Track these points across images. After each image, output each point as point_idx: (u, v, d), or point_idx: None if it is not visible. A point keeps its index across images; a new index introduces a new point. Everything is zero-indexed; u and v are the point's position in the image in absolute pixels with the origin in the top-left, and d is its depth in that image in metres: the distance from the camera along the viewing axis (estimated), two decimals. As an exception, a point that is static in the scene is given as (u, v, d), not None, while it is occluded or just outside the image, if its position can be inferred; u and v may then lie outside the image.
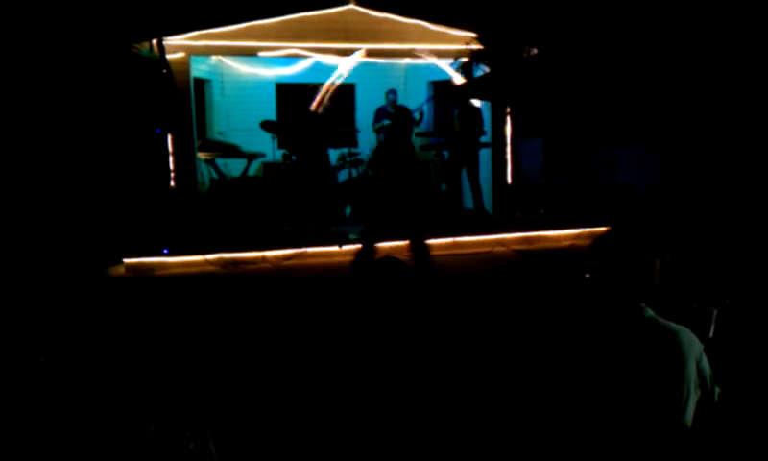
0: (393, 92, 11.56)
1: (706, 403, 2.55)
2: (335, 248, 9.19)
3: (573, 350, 2.70)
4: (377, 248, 7.23)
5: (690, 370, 2.48)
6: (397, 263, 3.73)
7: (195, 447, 2.00)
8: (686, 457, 2.47)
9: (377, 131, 11.49)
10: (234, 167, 11.02)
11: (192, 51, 9.78)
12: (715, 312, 3.01)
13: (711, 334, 2.96)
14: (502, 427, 4.05)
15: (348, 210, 10.96)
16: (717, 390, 2.59)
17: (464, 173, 10.88)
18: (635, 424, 2.48)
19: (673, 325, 2.55)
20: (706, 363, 2.55)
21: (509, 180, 11.07)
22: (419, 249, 7.15)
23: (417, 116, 11.44)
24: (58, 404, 2.39)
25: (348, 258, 8.86)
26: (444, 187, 11.49)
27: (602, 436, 2.54)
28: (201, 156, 10.41)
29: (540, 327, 5.86)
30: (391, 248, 7.78)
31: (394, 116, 11.33)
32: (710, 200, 9.95)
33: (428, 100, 12.15)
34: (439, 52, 10.46)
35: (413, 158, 7.32)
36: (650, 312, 2.58)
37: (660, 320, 2.57)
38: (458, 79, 10.82)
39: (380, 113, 11.51)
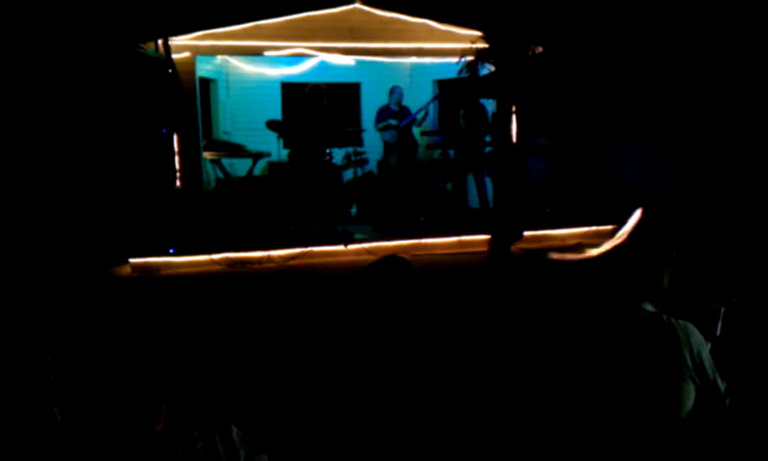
0: (397, 88, 11.51)
1: (709, 398, 2.56)
2: (341, 247, 9.19)
3: (572, 346, 2.73)
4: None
5: (686, 359, 2.49)
6: (401, 262, 3.73)
7: (203, 446, 2.00)
8: (684, 450, 2.48)
9: (382, 130, 11.45)
10: (240, 167, 11.03)
11: (198, 51, 9.78)
12: (722, 310, 3.01)
13: (719, 332, 2.96)
14: (502, 423, 4.05)
15: (353, 210, 10.96)
16: (724, 385, 2.59)
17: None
18: (632, 415, 2.50)
19: (672, 318, 2.57)
20: (706, 355, 2.56)
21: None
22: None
23: (420, 116, 11.43)
24: (65, 403, 2.39)
25: (354, 258, 8.89)
26: (449, 186, 11.48)
27: (600, 426, 2.56)
28: (206, 155, 10.42)
29: (543, 325, 5.86)
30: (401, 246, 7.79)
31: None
32: (717, 198, 9.92)
33: (434, 99, 12.14)
34: (444, 51, 10.45)
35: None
36: (649, 307, 2.60)
37: (659, 314, 2.59)
38: None
39: (384, 112, 11.47)
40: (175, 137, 9.61)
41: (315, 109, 9.82)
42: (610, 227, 10.18)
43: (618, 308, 2.62)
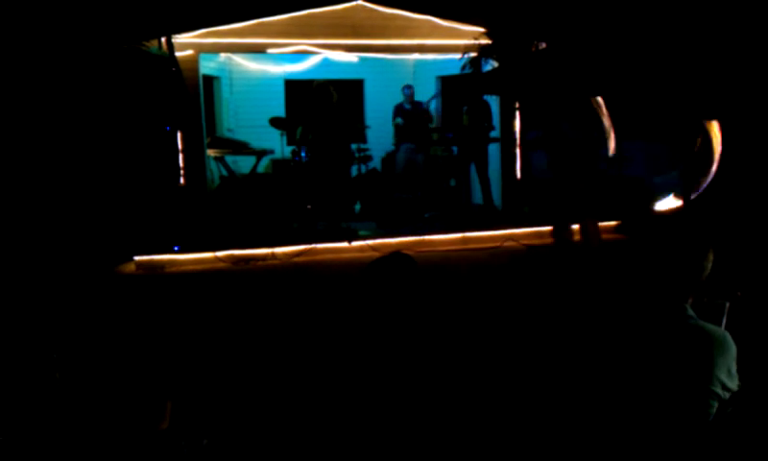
0: (409, 87, 11.57)
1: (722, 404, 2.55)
2: (345, 244, 9.19)
3: (602, 347, 2.70)
4: None
5: (719, 371, 2.48)
6: (405, 259, 3.71)
7: (208, 443, 2.01)
8: (702, 450, 2.48)
9: (395, 127, 11.53)
10: (243, 164, 11.03)
11: (201, 48, 9.79)
12: (727, 305, 3.00)
13: (723, 327, 2.95)
14: (510, 424, 4.05)
15: (357, 207, 10.97)
16: (738, 385, 2.59)
17: (473, 168, 10.86)
18: (657, 420, 2.49)
19: (710, 326, 2.55)
20: (734, 365, 2.55)
21: (518, 175, 11.05)
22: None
23: (426, 106, 11.47)
24: (71, 400, 2.40)
25: (358, 254, 8.89)
26: (452, 182, 11.48)
27: (626, 427, 2.55)
28: (210, 153, 10.42)
29: (552, 322, 5.85)
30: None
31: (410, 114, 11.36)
32: (721, 193, 9.89)
33: (436, 95, 12.13)
34: (447, 47, 10.44)
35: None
36: (691, 312, 2.58)
37: (697, 320, 2.57)
38: None
39: (396, 110, 11.53)
40: (178, 135, 9.62)
41: (327, 105, 9.80)
42: (614, 222, 10.17)
43: (663, 312, 2.59)
